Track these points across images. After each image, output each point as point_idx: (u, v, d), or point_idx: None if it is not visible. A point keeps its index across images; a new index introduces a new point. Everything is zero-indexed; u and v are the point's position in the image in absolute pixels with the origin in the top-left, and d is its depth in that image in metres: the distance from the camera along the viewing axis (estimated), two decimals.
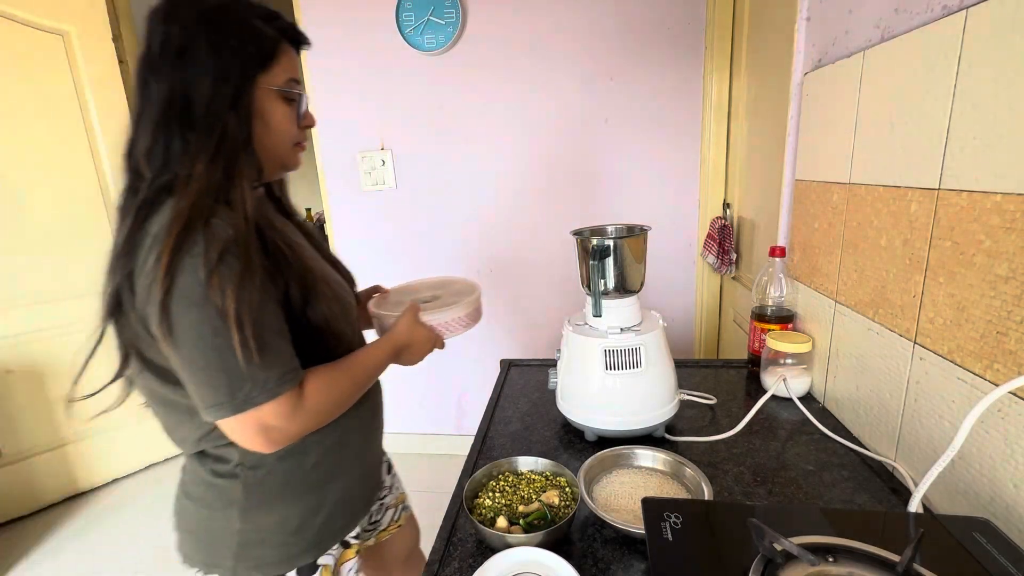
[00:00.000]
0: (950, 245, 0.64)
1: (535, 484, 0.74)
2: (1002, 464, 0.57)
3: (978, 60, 0.59)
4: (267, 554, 0.74)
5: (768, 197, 1.39)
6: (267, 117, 0.68)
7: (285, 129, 0.70)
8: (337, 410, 0.72)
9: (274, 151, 0.70)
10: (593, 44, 1.93)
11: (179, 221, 0.57)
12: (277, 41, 0.68)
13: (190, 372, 0.60)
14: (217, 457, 0.71)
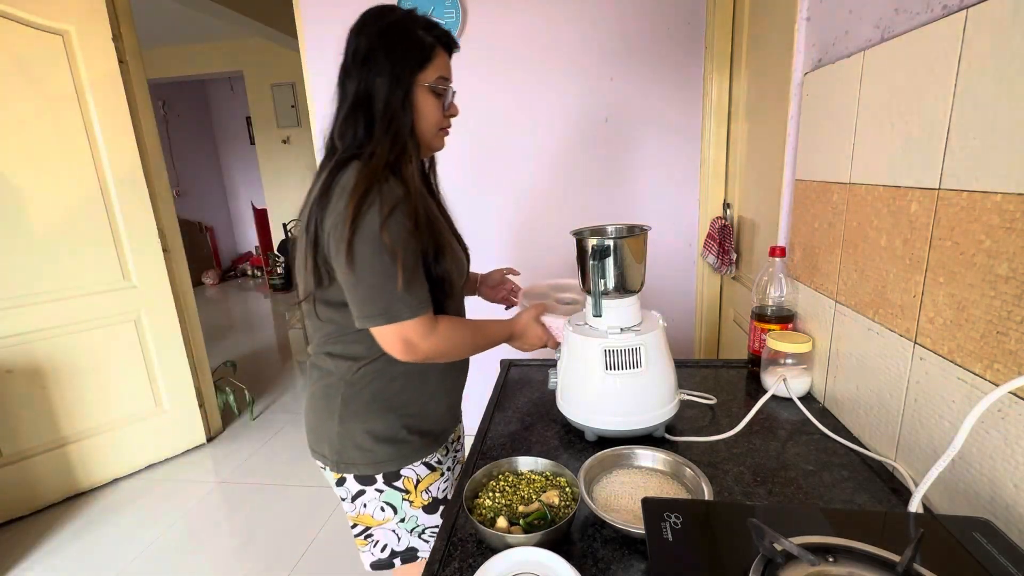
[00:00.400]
0: (950, 245, 0.64)
1: (535, 484, 0.73)
2: (1002, 464, 0.57)
3: (978, 60, 0.59)
4: (357, 456, 0.92)
5: (768, 197, 1.39)
6: (420, 107, 0.87)
7: (433, 117, 0.89)
8: (455, 352, 0.89)
9: (424, 135, 0.90)
10: (593, 44, 1.93)
11: (363, 181, 0.77)
12: (433, 46, 0.87)
13: (358, 291, 0.80)
14: (327, 371, 0.92)
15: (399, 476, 0.94)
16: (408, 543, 0.98)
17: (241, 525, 2.09)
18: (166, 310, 2.47)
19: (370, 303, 0.80)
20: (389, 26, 0.85)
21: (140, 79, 2.38)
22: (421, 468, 0.96)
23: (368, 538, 0.99)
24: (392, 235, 0.77)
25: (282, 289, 5.92)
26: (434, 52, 0.87)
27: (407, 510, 0.96)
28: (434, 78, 0.87)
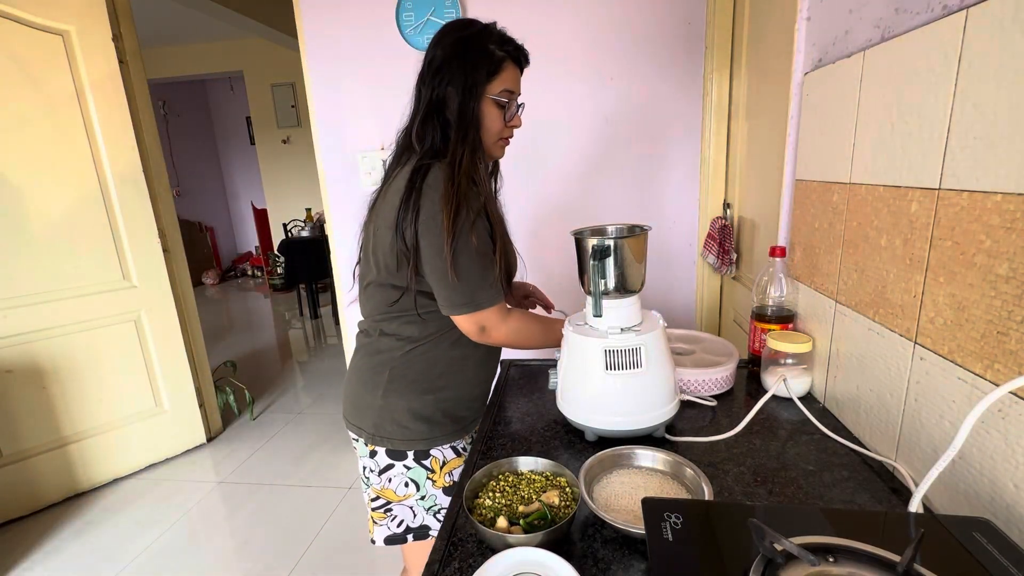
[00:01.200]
0: (950, 245, 0.64)
1: (535, 484, 0.73)
2: (1003, 464, 0.57)
3: (978, 60, 0.59)
4: (394, 431, 0.99)
5: (768, 197, 1.39)
6: (484, 117, 0.94)
7: (494, 127, 0.96)
8: (523, 342, 0.99)
9: (485, 143, 0.96)
10: (593, 44, 1.93)
11: (451, 188, 0.86)
12: (504, 60, 0.95)
13: (448, 283, 0.89)
14: (378, 348, 1.00)
15: (428, 455, 1.01)
16: (423, 520, 1.04)
17: (241, 525, 2.09)
18: (166, 310, 2.47)
19: (459, 294, 0.90)
20: (465, 39, 0.93)
21: (140, 79, 2.38)
22: (449, 451, 1.03)
23: (387, 512, 1.04)
24: (479, 237, 0.89)
25: (282, 289, 5.92)
26: (503, 65, 0.94)
27: (429, 489, 1.02)
28: (499, 90, 0.94)
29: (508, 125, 0.98)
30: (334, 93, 2.07)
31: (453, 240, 0.86)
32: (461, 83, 0.91)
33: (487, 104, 0.94)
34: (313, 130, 2.10)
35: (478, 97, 0.92)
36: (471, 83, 0.91)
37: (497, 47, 0.94)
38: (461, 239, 0.87)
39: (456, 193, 0.86)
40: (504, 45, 0.95)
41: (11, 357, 2.09)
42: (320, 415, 2.99)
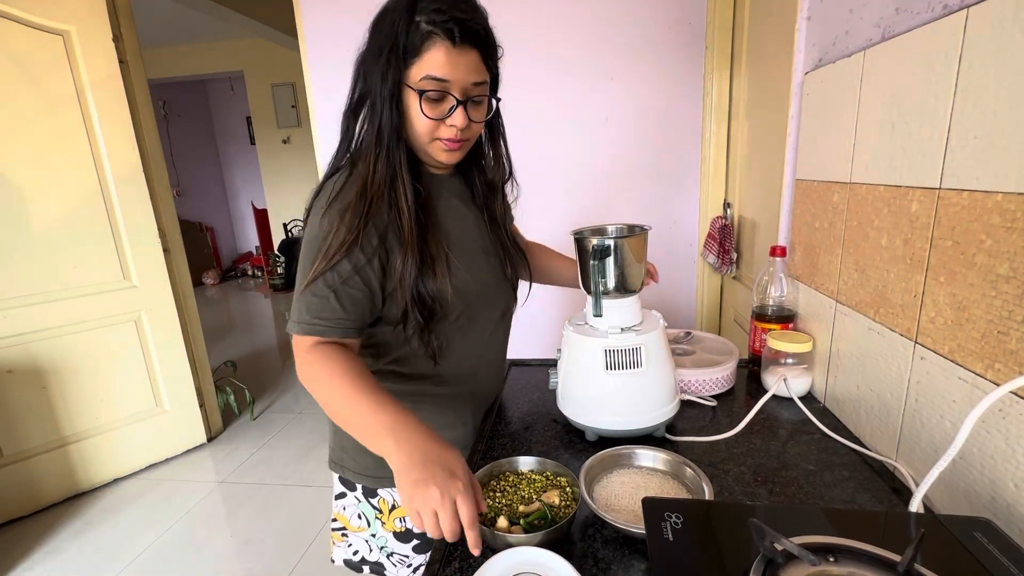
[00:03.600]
0: (951, 245, 0.64)
1: (536, 484, 0.73)
2: (1003, 464, 0.57)
3: (979, 59, 0.59)
4: (345, 459, 0.92)
5: (768, 197, 1.39)
6: (406, 111, 0.76)
7: (421, 125, 0.76)
8: (319, 399, 0.73)
9: (416, 143, 0.79)
10: (593, 43, 1.92)
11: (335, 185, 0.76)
12: (429, 36, 0.71)
13: (295, 294, 0.77)
14: None
15: (376, 494, 0.92)
16: (378, 558, 0.95)
17: (241, 525, 2.09)
18: (166, 310, 2.47)
19: (294, 308, 0.76)
20: (383, 11, 0.75)
21: (140, 79, 2.38)
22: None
23: (344, 537, 0.97)
24: (329, 242, 0.73)
25: (282, 289, 5.92)
26: (427, 44, 0.71)
27: (379, 529, 0.93)
28: (420, 77, 0.72)
29: (444, 122, 0.76)
30: (334, 93, 2.07)
31: (317, 258, 0.73)
32: (371, 69, 0.74)
33: (408, 96, 0.74)
34: (313, 130, 2.10)
35: (392, 87, 0.73)
36: (382, 69, 0.72)
37: (424, 19, 0.70)
38: (307, 242, 0.75)
39: (344, 212, 0.73)
40: (435, 16, 0.70)
41: (11, 357, 2.09)
42: (320, 415, 2.99)
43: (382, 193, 0.75)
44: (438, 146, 0.78)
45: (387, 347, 0.86)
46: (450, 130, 0.76)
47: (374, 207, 0.74)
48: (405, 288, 0.76)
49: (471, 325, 0.89)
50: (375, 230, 0.74)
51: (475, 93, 0.76)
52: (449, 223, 0.85)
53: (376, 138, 0.75)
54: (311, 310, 0.74)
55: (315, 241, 0.74)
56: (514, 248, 0.96)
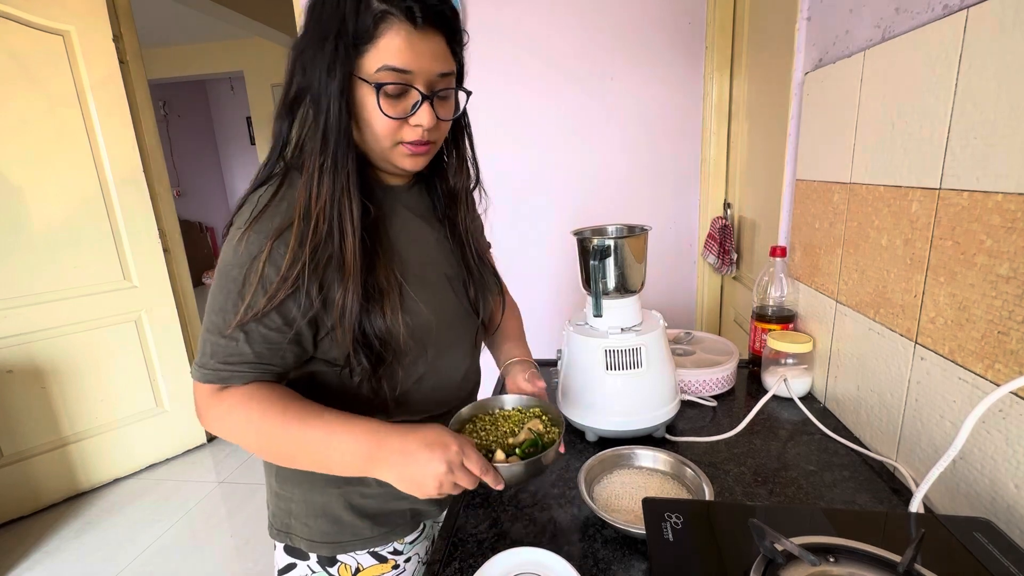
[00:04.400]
0: (951, 245, 0.64)
1: (512, 420, 0.73)
2: (1003, 464, 0.57)
3: (979, 59, 0.59)
4: (296, 526, 0.75)
5: (769, 197, 1.39)
6: (359, 110, 0.62)
7: (379, 126, 0.62)
8: (247, 447, 0.63)
9: (372, 148, 0.65)
10: (593, 44, 1.92)
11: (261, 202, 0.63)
12: (384, 18, 0.58)
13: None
14: None
15: (335, 562, 0.75)
16: None
17: (241, 525, 2.09)
18: (166, 310, 2.47)
19: (199, 345, 0.63)
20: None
21: (140, 79, 2.38)
22: (367, 557, 0.76)
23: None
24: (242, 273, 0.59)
25: None
26: (382, 28, 0.58)
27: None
28: (373, 68, 0.59)
29: (408, 122, 0.63)
30: None
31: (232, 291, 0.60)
32: (313, 60, 0.60)
33: (362, 91, 0.61)
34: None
35: (341, 81, 0.59)
36: (328, 60, 0.59)
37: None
38: (220, 272, 0.61)
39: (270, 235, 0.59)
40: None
41: (11, 357, 2.09)
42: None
43: (324, 213, 0.60)
44: (401, 151, 0.65)
45: (328, 389, 0.70)
46: (415, 131, 0.63)
47: (310, 229, 0.60)
48: (346, 328, 0.62)
49: (432, 366, 0.74)
50: (309, 257, 0.60)
51: (441, 86, 0.64)
52: (405, 246, 0.71)
53: (321, 144, 0.60)
54: (216, 353, 0.61)
55: (230, 269, 0.60)
56: (481, 269, 0.81)
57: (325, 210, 0.60)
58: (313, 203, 0.60)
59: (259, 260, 0.59)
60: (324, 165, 0.60)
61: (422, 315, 0.69)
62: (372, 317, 0.64)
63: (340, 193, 0.61)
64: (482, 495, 0.77)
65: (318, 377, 0.70)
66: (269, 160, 0.67)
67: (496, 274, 0.86)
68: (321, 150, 0.60)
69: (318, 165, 0.60)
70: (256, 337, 0.61)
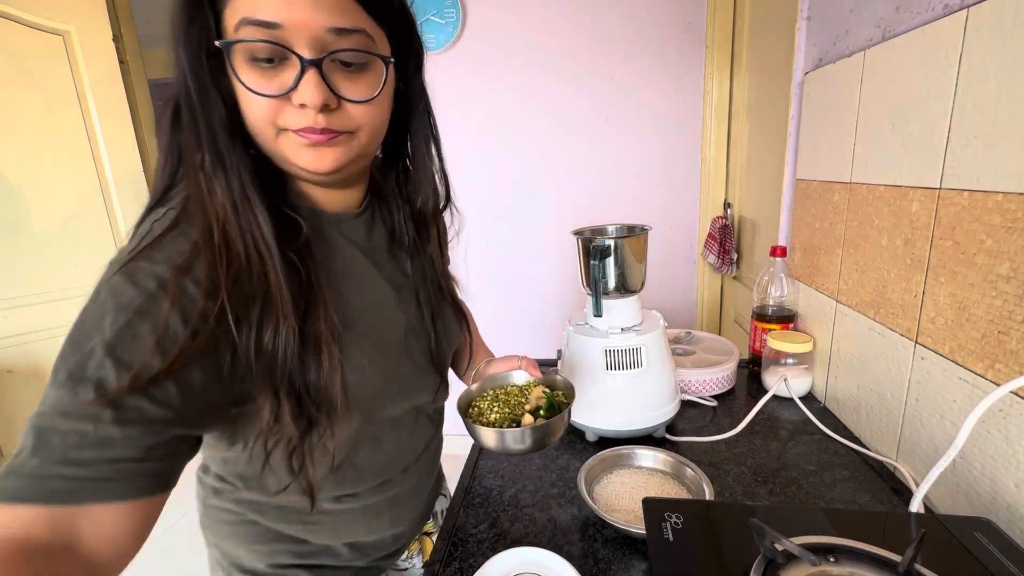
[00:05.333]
0: (951, 245, 0.64)
1: (512, 394, 0.71)
2: (1003, 464, 0.57)
3: (979, 59, 0.59)
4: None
5: (769, 197, 1.39)
6: (237, 93, 0.47)
7: (247, 106, 0.47)
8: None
9: (263, 145, 0.50)
10: (593, 44, 1.93)
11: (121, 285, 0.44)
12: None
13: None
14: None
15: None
16: None
17: None
18: None
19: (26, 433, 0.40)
20: None
21: (140, 79, 2.38)
22: None
23: None
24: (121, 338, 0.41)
25: None
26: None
27: None
28: (233, 25, 0.45)
29: (291, 99, 0.46)
30: None
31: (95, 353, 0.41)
32: (175, 31, 0.46)
33: (234, 61, 0.46)
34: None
35: (198, 49, 0.46)
36: (183, 25, 0.45)
37: None
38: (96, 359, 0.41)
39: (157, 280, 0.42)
40: None
41: (11, 357, 2.09)
42: None
43: (231, 226, 0.46)
44: (290, 142, 0.48)
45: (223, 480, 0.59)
46: (301, 113, 0.46)
47: (222, 252, 0.45)
48: (278, 376, 0.47)
49: (376, 440, 0.61)
50: (227, 293, 0.44)
51: (341, 47, 0.46)
52: (349, 288, 0.56)
53: (194, 138, 0.46)
54: (52, 448, 0.38)
55: (97, 321, 0.43)
56: (455, 310, 0.70)
57: (231, 222, 0.46)
58: (213, 217, 0.46)
59: (158, 303, 0.41)
60: (205, 164, 0.46)
61: (365, 375, 0.54)
62: (306, 368, 0.49)
63: (239, 200, 0.46)
64: (482, 495, 0.77)
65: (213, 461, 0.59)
66: (161, 179, 0.49)
67: (462, 311, 0.74)
68: (197, 145, 0.46)
69: (198, 164, 0.47)
70: (132, 418, 0.39)
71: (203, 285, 0.43)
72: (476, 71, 1.99)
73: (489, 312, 2.25)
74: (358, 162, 0.53)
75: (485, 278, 2.21)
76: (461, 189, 1.82)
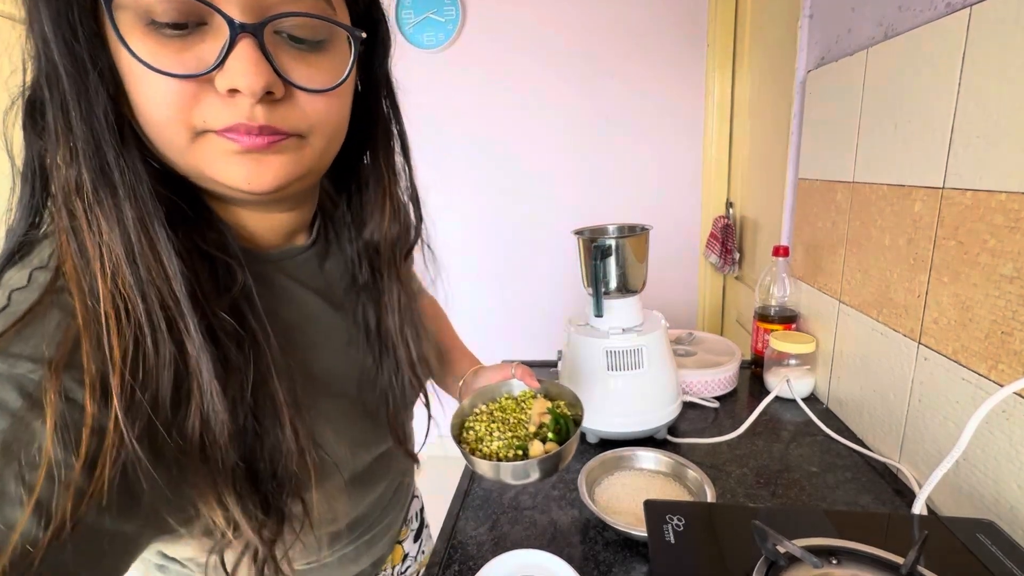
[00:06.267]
0: (954, 244, 0.64)
1: (512, 409, 0.63)
2: (1007, 465, 0.57)
3: (982, 58, 0.59)
4: None
5: (771, 196, 1.38)
6: (126, 79, 0.32)
7: (145, 95, 0.32)
8: None
9: (160, 146, 0.34)
10: (594, 42, 1.92)
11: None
12: None
13: None
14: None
15: None
16: None
17: None
18: None
19: None
20: None
21: None
22: None
23: None
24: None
25: None
26: None
27: None
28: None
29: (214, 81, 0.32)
30: None
31: None
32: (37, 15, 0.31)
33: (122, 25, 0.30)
34: None
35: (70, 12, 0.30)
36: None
37: None
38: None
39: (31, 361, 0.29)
40: None
41: None
42: None
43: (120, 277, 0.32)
44: (211, 150, 0.35)
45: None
46: (229, 104, 0.33)
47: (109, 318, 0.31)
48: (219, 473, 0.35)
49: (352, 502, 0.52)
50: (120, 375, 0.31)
51: (289, 10, 0.33)
52: (303, 339, 0.45)
53: (67, 151, 0.31)
54: None
55: None
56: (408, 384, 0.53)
57: (123, 275, 0.32)
58: (97, 270, 0.31)
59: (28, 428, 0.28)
60: (84, 187, 0.31)
61: (330, 444, 0.44)
62: (258, 454, 0.37)
63: (136, 238, 0.32)
64: (482, 497, 0.77)
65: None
66: (18, 216, 0.35)
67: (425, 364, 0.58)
68: (70, 156, 0.31)
69: (73, 184, 0.31)
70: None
71: (92, 383, 0.30)
72: (475, 70, 1.99)
73: (489, 312, 2.25)
74: (308, 178, 0.40)
75: (485, 278, 2.21)
76: (461, 188, 1.82)
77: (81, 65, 0.30)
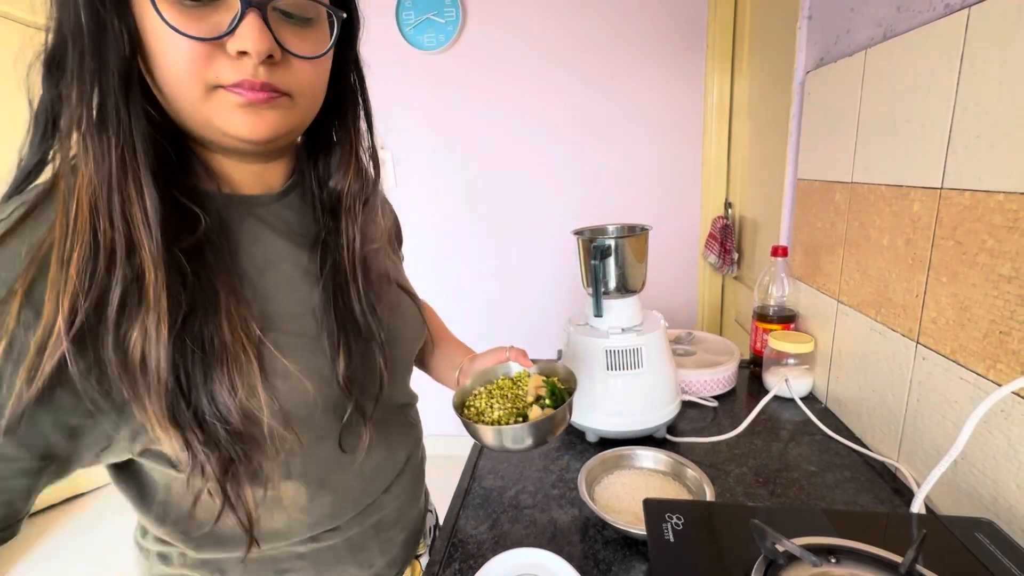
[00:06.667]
0: (953, 244, 0.64)
1: (510, 387, 0.67)
2: (1005, 465, 0.57)
3: (980, 58, 0.59)
4: None
5: (770, 196, 1.38)
6: (145, 39, 0.39)
7: (169, 55, 0.38)
8: None
9: (181, 107, 0.41)
10: (594, 43, 1.92)
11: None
12: None
13: None
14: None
15: None
16: None
17: None
18: None
19: None
20: None
21: None
22: None
23: None
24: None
25: None
26: None
27: None
28: None
29: (225, 45, 0.39)
30: None
31: None
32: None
33: (141, 6, 0.38)
34: None
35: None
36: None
37: None
38: None
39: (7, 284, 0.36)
40: None
41: None
42: None
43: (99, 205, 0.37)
44: (221, 103, 0.41)
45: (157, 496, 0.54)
46: (237, 64, 0.40)
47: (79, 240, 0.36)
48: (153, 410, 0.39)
49: (343, 462, 0.54)
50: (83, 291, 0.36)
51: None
52: (270, 282, 0.49)
53: (79, 92, 0.37)
54: None
55: None
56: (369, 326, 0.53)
57: (102, 198, 0.37)
58: (79, 194, 0.37)
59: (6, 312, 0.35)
60: (83, 123, 0.37)
61: (296, 385, 0.46)
62: (212, 390, 0.41)
63: (120, 170, 0.37)
64: (482, 496, 0.77)
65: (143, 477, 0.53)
66: (29, 153, 0.42)
67: (418, 308, 0.65)
68: (79, 95, 0.37)
69: (76, 120, 0.37)
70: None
71: (52, 283, 0.35)
72: (475, 71, 1.99)
73: (489, 312, 2.25)
74: (293, 133, 0.47)
75: (485, 278, 2.21)
76: (461, 188, 1.84)
77: (102, 24, 0.37)
